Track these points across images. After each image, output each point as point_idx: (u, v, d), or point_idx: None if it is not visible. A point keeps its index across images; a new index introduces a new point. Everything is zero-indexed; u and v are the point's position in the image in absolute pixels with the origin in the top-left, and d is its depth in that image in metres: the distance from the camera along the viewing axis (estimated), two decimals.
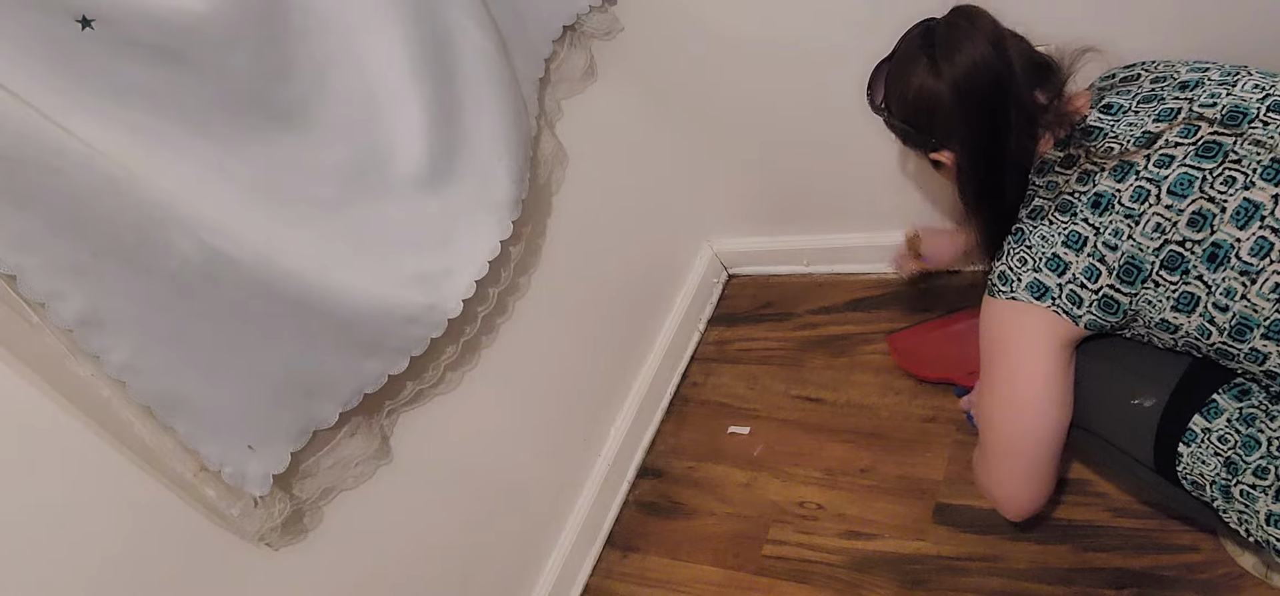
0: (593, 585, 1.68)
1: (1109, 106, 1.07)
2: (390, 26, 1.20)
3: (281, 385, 1.13)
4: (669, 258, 1.93)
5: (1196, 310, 0.98)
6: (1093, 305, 1.03)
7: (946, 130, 1.10)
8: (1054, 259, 1.03)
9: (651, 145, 1.79)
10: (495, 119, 1.32)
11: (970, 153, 1.10)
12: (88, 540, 1.03)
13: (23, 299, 0.91)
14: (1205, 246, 0.95)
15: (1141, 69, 1.11)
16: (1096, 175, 1.02)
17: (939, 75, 1.06)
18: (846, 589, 1.44)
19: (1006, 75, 1.04)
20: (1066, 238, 1.03)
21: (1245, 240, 0.93)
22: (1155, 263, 0.98)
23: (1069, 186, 1.04)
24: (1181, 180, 0.96)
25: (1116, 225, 0.99)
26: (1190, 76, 1.04)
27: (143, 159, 0.99)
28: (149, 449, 1.03)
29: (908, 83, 1.11)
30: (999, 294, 1.09)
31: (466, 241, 1.32)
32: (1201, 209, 0.95)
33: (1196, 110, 1.00)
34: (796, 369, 1.78)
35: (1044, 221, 1.05)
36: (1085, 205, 1.02)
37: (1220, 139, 0.97)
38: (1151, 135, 1.01)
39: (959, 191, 1.15)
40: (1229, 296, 0.95)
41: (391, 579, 1.38)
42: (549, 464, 1.64)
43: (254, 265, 1.08)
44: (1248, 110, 0.98)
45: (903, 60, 1.13)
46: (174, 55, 1.01)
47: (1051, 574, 1.29)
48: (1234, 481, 1.00)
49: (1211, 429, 1.01)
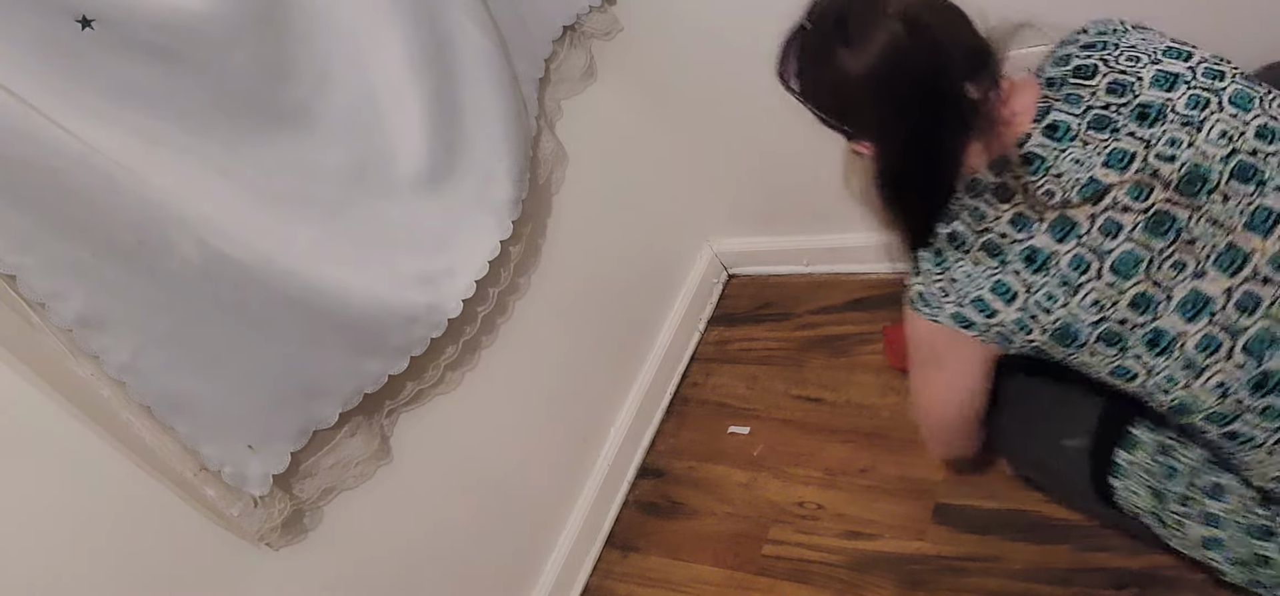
0: (593, 585, 1.68)
1: (1054, 127, 0.92)
2: (390, 27, 1.20)
3: (281, 385, 1.13)
4: (669, 258, 1.93)
5: (1135, 381, 0.92)
6: (1023, 348, 0.96)
7: (863, 121, 0.97)
8: (980, 302, 0.95)
9: (651, 145, 1.79)
10: (495, 119, 1.32)
11: (889, 146, 0.97)
12: (88, 540, 1.03)
13: (23, 299, 0.91)
14: (1146, 331, 0.87)
15: (1099, 59, 0.95)
16: (1033, 224, 0.90)
17: (852, 61, 0.91)
18: (846, 589, 1.44)
19: (931, 60, 0.90)
20: (995, 286, 0.93)
21: (1192, 334, 0.86)
22: (1092, 335, 0.90)
23: (1000, 227, 0.93)
24: (1127, 258, 0.86)
25: (1051, 290, 0.90)
26: (1152, 98, 0.90)
27: (143, 159, 0.99)
28: (149, 449, 1.03)
29: (820, 69, 0.96)
30: (921, 312, 1.02)
31: (467, 241, 1.32)
32: (1146, 293, 0.86)
33: (1152, 163, 0.87)
34: (796, 369, 1.78)
35: (967, 256, 0.95)
36: (1017, 257, 0.91)
37: (1174, 212, 0.86)
38: (1099, 188, 0.88)
39: (875, 185, 1.01)
40: (1170, 383, 0.89)
41: (391, 578, 1.38)
42: (549, 463, 1.64)
43: (254, 265, 1.08)
44: (1208, 174, 0.86)
45: (815, 40, 0.97)
46: (174, 55, 1.01)
47: (1051, 574, 1.29)
48: (1163, 509, 0.99)
49: (1135, 461, 1.00)
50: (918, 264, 1.02)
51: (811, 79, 0.99)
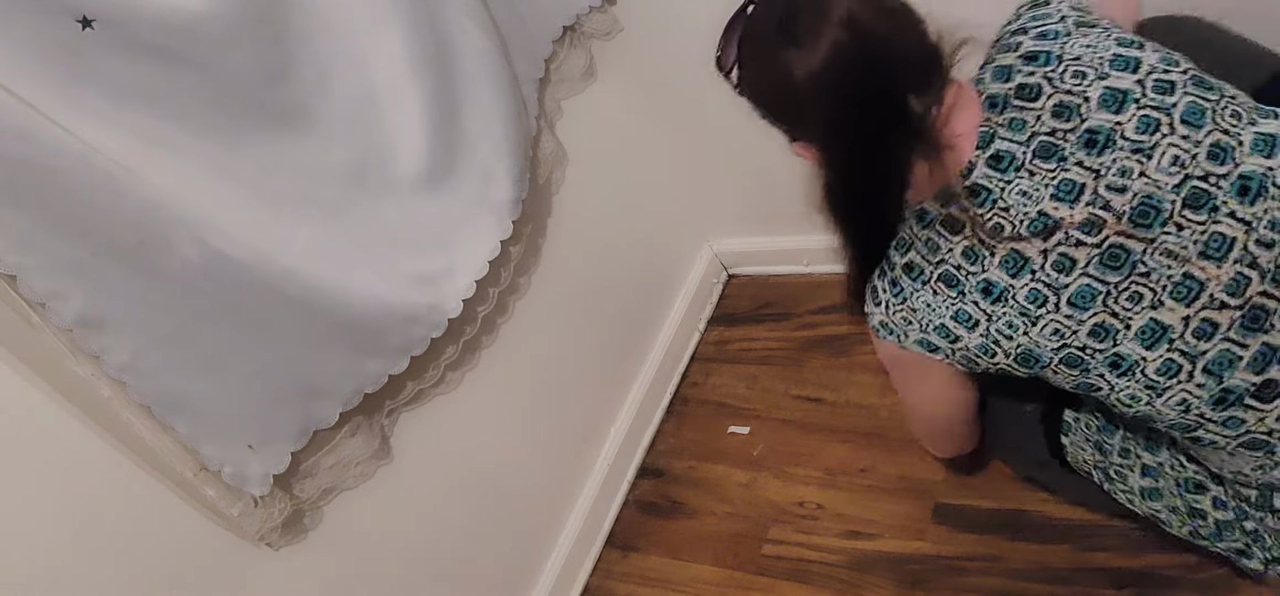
0: (593, 585, 1.68)
1: (999, 157, 0.89)
2: (390, 27, 1.20)
3: (282, 385, 1.13)
4: (669, 258, 1.93)
5: (1098, 394, 0.92)
6: (990, 369, 0.96)
7: (803, 125, 0.94)
8: (943, 329, 0.95)
9: (651, 145, 1.79)
10: (495, 119, 1.32)
11: (832, 157, 0.94)
12: (88, 540, 1.03)
13: (23, 299, 0.91)
14: (1107, 356, 0.88)
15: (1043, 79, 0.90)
16: (985, 258, 0.89)
17: (795, 62, 0.87)
18: (846, 588, 1.44)
19: (876, 68, 0.87)
20: (956, 314, 0.93)
21: (1152, 360, 0.86)
22: (1054, 359, 0.90)
23: (954, 258, 0.92)
24: (1083, 292, 0.86)
25: (1011, 319, 0.90)
26: (1101, 122, 0.86)
27: (143, 159, 0.99)
28: (149, 449, 1.03)
29: (764, 69, 0.92)
30: (886, 338, 1.01)
31: (467, 241, 1.32)
32: (1104, 323, 0.86)
33: (1103, 195, 0.85)
34: (796, 369, 1.78)
35: (926, 287, 0.94)
36: (975, 289, 0.91)
37: (1128, 245, 0.84)
38: (1049, 222, 0.86)
39: (824, 199, 0.98)
40: (1133, 400, 0.89)
41: (392, 578, 1.38)
42: (549, 463, 1.64)
43: (254, 265, 1.08)
44: (1160, 205, 0.84)
45: (756, 33, 0.92)
46: (174, 56, 1.01)
47: (1051, 574, 1.29)
48: (1107, 462, 1.03)
49: (1079, 417, 1.05)
50: (874, 296, 1.01)
51: (753, 76, 0.95)
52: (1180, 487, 0.99)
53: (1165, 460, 1.00)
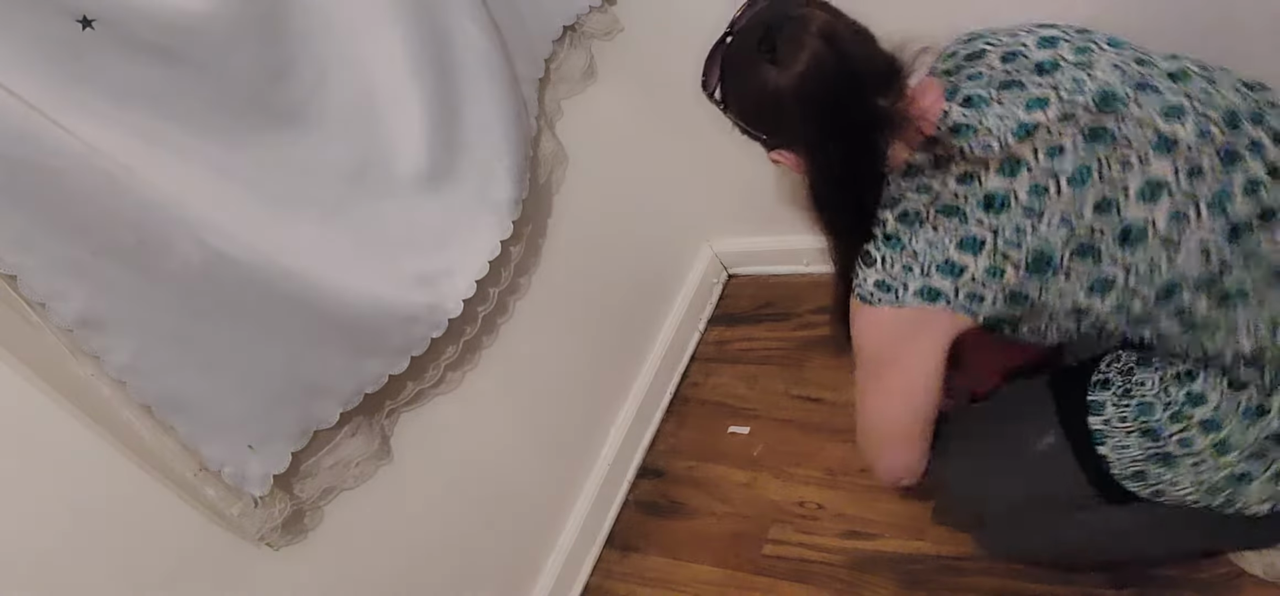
0: (593, 585, 1.68)
1: (969, 99, 0.99)
2: (390, 27, 1.20)
3: (282, 385, 1.13)
4: (669, 258, 1.93)
5: (1112, 291, 0.95)
6: (997, 301, 0.98)
7: (788, 133, 1.03)
8: (948, 264, 0.97)
9: (651, 145, 1.79)
10: (495, 119, 1.32)
11: (816, 158, 1.03)
12: (88, 540, 1.03)
13: (23, 299, 0.91)
14: (1116, 231, 0.93)
15: (984, 44, 1.04)
16: (981, 175, 0.96)
17: (778, 76, 0.98)
18: (846, 588, 1.44)
19: (850, 76, 0.97)
20: (960, 242, 0.96)
21: (1159, 214, 0.92)
22: (1066, 253, 0.94)
23: (949, 189, 0.97)
24: (1079, 170, 0.93)
25: (1017, 223, 0.94)
26: (1043, 57, 0.99)
27: (143, 159, 0.99)
28: (149, 449, 1.03)
29: (747, 84, 1.02)
30: (880, 302, 1.02)
31: (467, 241, 1.32)
32: (1105, 197, 0.92)
33: (1065, 97, 0.95)
34: (796, 369, 1.78)
35: (925, 225, 0.98)
36: (976, 206, 0.95)
37: (1102, 124, 0.94)
38: (1028, 126, 0.95)
39: (806, 195, 1.07)
40: (1153, 268, 0.93)
41: (392, 578, 1.38)
42: (549, 463, 1.64)
43: (254, 265, 1.08)
44: (1116, 93, 0.95)
45: (738, 54, 1.03)
46: (174, 55, 1.01)
47: (1051, 574, 1.29)
48: (1161, 444, 0.99)
49: (1109, 419, 1.01)
50: (867, 258, 1.03)
51: (737, 93, 1.05)
52: (1244, 418, 0.96)
53: (1218, 401, 0.97)
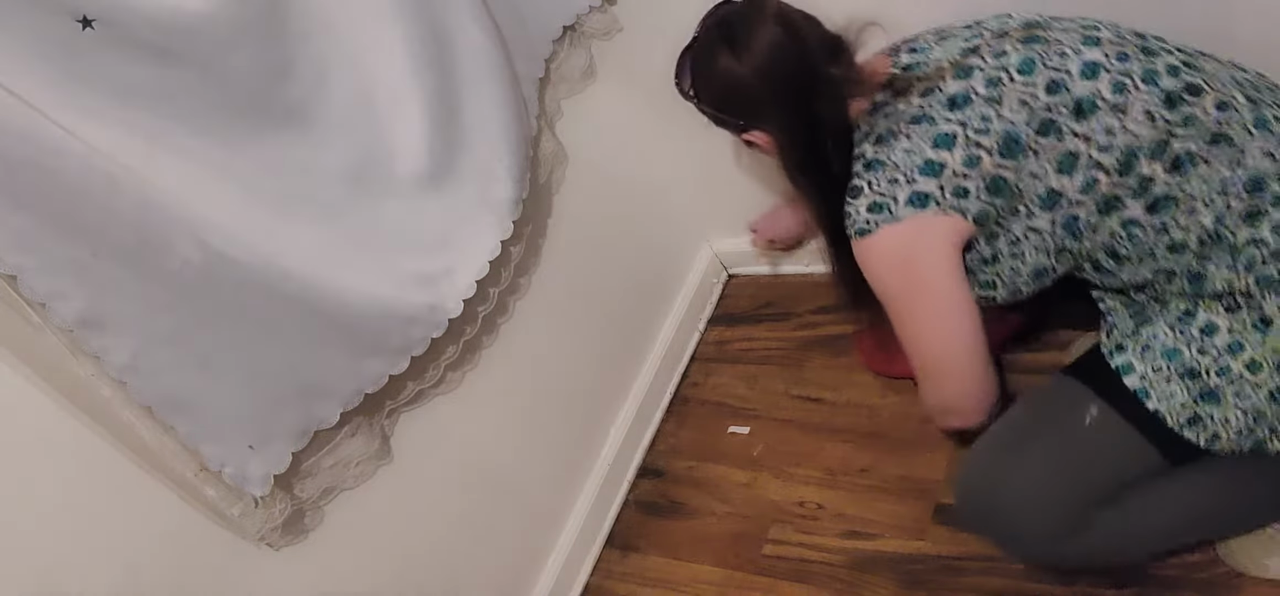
0: (593, 585, 1.68)
1: (913, 49, 1.14)
2: (391, 26, 1.20)
3: (282, 385, 1.13)
4: (669, 257, 1.93)
5: (1078, 167, 1.03)
6: (980, 192, 1.04)
7: (757, 113, 1.14)
8: (928, 164, 1.05)
9: (651, 145, 1.79)
10: (495, 119, 1.32)
11: (786, 130, 1.14)
12: (88, 540, 1.03)
13: (23, 299, 0.91)
14: (1070, 105, 1.02)
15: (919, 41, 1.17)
16: (939, 84, 1.06)
17: (741, 62, 1.10)
18: (846, 589, 1.44)
19: (804, 53, 1.09)
20: (934, 140, 1.05)
21: (1103, 85, 1.01)
22: (1029, 131, 1.03)
23: (913, 104, 1.08)
24: (1024, 62, 1.04)
25: (981, 112, 1.03)
26: (967, 31, 1.13)
27: (143, 159, 0.99)
28: (149, 449, 1.03)
29: (713, 72, 1.14)
30: (877, 227, 1.08)
31: (467, 241, 1.32)
32: (1053, 79, 1.03)
33: (995, 27, 1.10)
34: (796, 369, 1.78)
35: (899, 138, 1.07)
36: (941, 108, 1.05)
37: (1033, 33, 1.06)
38: (971, 44, 1.08)
39: (784, 168, 1.18)
40: (1109, 134, 1.01)
41: (392, 578, 1.38)
42: (549, 463, 1.64)
43: (254, 265, 1.08)
44: (1038, 21, 1.09)
45: (703, 50, 1.15)
46: (175, 55, 1.01)
47: (1051, 574, 1.29)
48: (1201, 381, 1.02)
49: (1144, 375, 1.04)
50: (855, 191, 1.11)
51: (706, 83, 1.16)
52: (1255, 331, 1.01)
53: (1224, 322, 1.02)
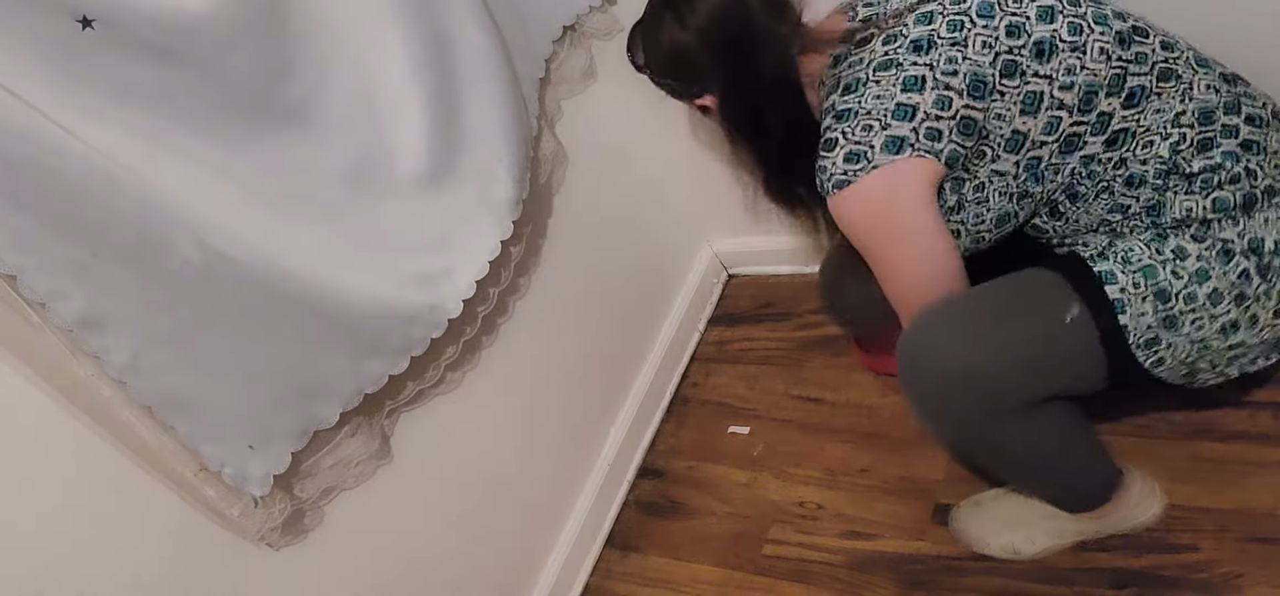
0: (593, 585, 1.68)
1: (868, 4, 1.17)
2: (390, 26, 1.20)
3: (282, 385, 1.13)
4: (669, 258, 1.93)
5: (1042, 108, 1.06)
6: (951, 133, 1.06)
7: (703, 76, 1.18)
8: (899, 108, 1.06)
9: (651, 145, 1.79)
10: (496, 119, 1.32)
11: (727, 89, 1.19)
12: (88, 540, 1.03)
13: (23, 299, 0.91)
14: (1029, 47, 1.05)
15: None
16: (902, 31, 1.08)
17: (685, 27, 1.15)
18: (846, 589, 1.44)
19: (746, 13, 1.13)
20: (904, 83, 1.06)
21: (1060, 27, 1.05)
22: (994, 73, 1.05)
23: (878, 51, 1.09)
24: (983, 6, 1.07)
25: (948, 54, 1.06)
26: None
27: (143, 159, 0.99)
28: (149, 449, 1.03)
29: (660, 41, 1.18)
30: (856, 176, 1.08)
31: (467, 241, 1.32)
32: (1011, 22, 1.06)
33: None
34: (796, 369, 1.78)
35: (868, 85, 1.08)
36: (906, 52, 1.07)
37: None
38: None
39: (723, 127, 1.23)
40: (1069, 73, 1.05)
41: (392, 578, 1.38)
42: (549, 464, 1.64)
43: (254, 265, 1.08)
44: None
45: (650, 21, 1.20)
46: (174, 56, 1.01)
47: (1051, 573, 1.29)
48: (1171, 304, 1.05)
49: (1124, 287, 1.06)
50: (829, 143, 1.11)
51: (654, 55, 1.21)
52: (1219, 261, 1.04)
53: (1194, 249, 1.05)
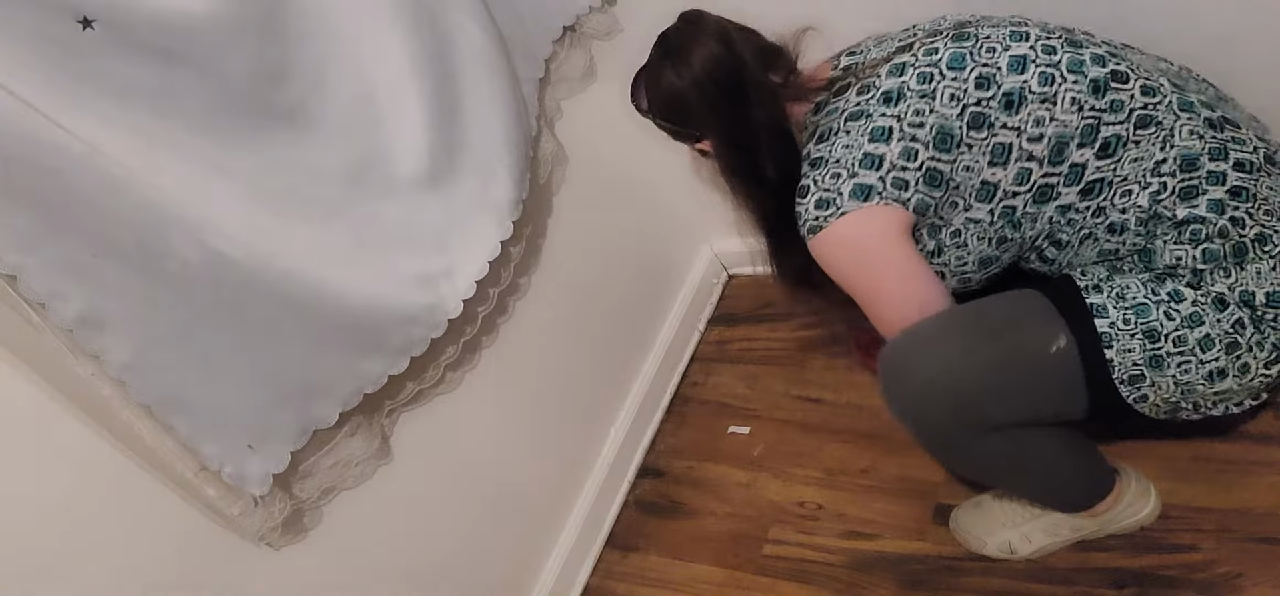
0: (593, 585, 1.68)
1: (852, 53, 1.22)
2: (390, 27, 1.20)
3: (281, 385, 1.13)
4: (669, 258, 1.93)
5: (1011, 159, 1.07)
6: (918, 183, 1.08)
7: (700, 122, 1.22)
8: (867, 157, 1.09)
9: (651, 145, 1.77)
10: (495, 119, 1.32)
11: (722, 136, 1.23)
12: (87, 540, 1.03)
13: (23, 299, 0.91)
14: (998, 99, 1.06)
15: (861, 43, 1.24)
16: (874, 81, 1.11)
17: (681, 76, 1.19)
18: (846, 589, 1.44)
19: (739, 64, 1.18)
20: (872, 133, 1.09)
21: (1030, 78, 1.06)
22: (962, 126, 1.07)
23: (851, 101, 1.13)
24: (954, 57, 1.09)
25: (915, 106, 1.08)
26: (905, 33, 1.18)
27: (143, 159, 0.99)
28: (149, 449, 1.03)
29: (659, 87, 1.23)
30: (826, 222, 1.12)
31: (467, 241, 1.32)
32: (982, 74, 1.07)
33: (928, 28, 1.16)
34: (796, 369, 1.78)
35: (839, 135, 1.12)
36: (876, 103, 1.10)
37: (964, 31, 1.12)
38: (906, 42, 1.14)
39: (722, 172, 1.27)
40: (1038, 125, 1.05)
41: (391, 578, 1.38)
42: (549, 463, 1.64)
43: (254, 265, 1.08)
44: (970, 21, 1.14)
45: (651, 68, 1.24)
46: (174, 56, 1.01)
47: (1051, 574, 1.29)
48: (1158, 345, 1.04)
49: (1114, 322, 1.05)
50: (803, 191, 1.15)
51: (655, 99, 1.25)
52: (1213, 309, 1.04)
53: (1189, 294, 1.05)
